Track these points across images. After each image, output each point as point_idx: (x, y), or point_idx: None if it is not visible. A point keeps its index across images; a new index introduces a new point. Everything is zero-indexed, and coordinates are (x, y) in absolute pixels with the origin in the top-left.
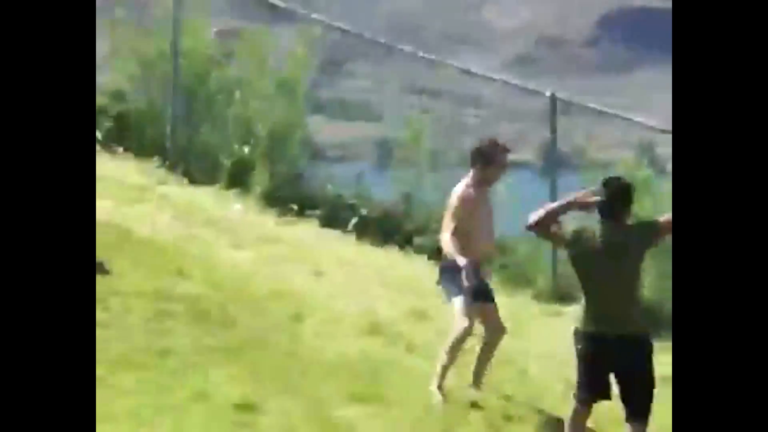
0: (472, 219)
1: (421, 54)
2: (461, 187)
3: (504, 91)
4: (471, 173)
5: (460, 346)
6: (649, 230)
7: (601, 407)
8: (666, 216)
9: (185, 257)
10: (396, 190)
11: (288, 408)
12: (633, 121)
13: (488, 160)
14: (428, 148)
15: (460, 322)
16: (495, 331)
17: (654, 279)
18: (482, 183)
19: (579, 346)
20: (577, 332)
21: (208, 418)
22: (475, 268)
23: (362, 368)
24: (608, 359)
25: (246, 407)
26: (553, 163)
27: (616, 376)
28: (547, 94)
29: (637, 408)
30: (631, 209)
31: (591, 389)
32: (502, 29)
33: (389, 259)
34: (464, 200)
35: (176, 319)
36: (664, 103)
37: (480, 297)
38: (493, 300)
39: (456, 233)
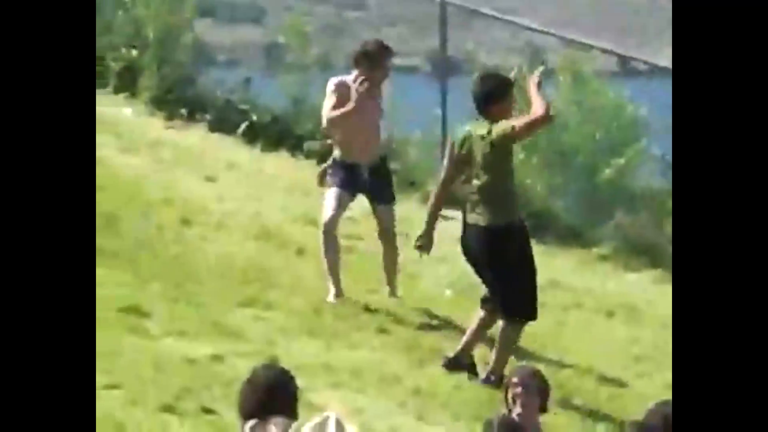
0: (354, 119)
1: None
2: (338, 78)
3: None
4: (354, 74)
5: (329, 239)
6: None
7: None
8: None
9: None
10: (286, 95)
11: (177, 312)
12: (521, 25)
13: (373, 62)
14: (315, 53)
15: (324, 212)
16: (381, 235)
17: (543, 189)
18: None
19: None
20: None
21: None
22: (354, 166)
23: (252, 273)
24: (473, 251)
25: (134, 311)
26: (443, 68)
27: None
28: None
29: (496, 301)
30: (506, 106)
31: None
32: None
33: (279, 164)
34: (338, 87)
35: None
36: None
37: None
38: (382, 202)
39: (340, 132)
